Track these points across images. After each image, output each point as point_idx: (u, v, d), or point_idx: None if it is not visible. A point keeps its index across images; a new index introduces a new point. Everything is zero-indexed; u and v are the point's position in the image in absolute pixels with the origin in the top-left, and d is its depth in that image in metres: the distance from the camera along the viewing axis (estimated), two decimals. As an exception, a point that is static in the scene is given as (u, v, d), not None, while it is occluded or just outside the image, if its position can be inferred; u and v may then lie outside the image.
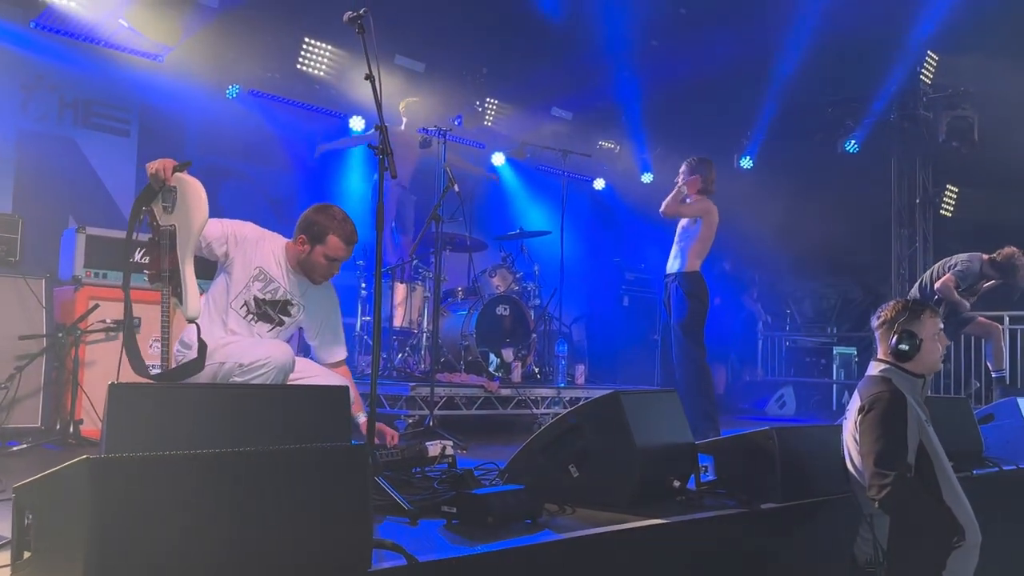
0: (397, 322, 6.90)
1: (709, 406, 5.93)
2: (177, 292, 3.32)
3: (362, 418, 3.77)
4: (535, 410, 6.60)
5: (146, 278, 3.40)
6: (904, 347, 3.48)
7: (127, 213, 7.54)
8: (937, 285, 7.05)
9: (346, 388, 2.69)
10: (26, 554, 1.98)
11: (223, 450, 2.01)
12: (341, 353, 4.22)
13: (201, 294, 3.58)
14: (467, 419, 6.29)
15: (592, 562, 2.83)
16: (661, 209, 6.26)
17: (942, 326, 3.68)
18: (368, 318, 6.88)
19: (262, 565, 2.02)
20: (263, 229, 4.12)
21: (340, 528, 2.18)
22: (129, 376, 3.31)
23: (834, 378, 10.76)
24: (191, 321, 3.36)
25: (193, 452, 1.97)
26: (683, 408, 3.98)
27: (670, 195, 6.24)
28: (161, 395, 2.58)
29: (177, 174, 3.43)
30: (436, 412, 5.72)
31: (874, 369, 3.57)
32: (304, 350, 4.46)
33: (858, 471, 3.43)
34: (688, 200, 6.24)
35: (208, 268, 4.04)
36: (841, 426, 3.75)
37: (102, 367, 4.83)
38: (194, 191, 3.42)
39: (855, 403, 3.48)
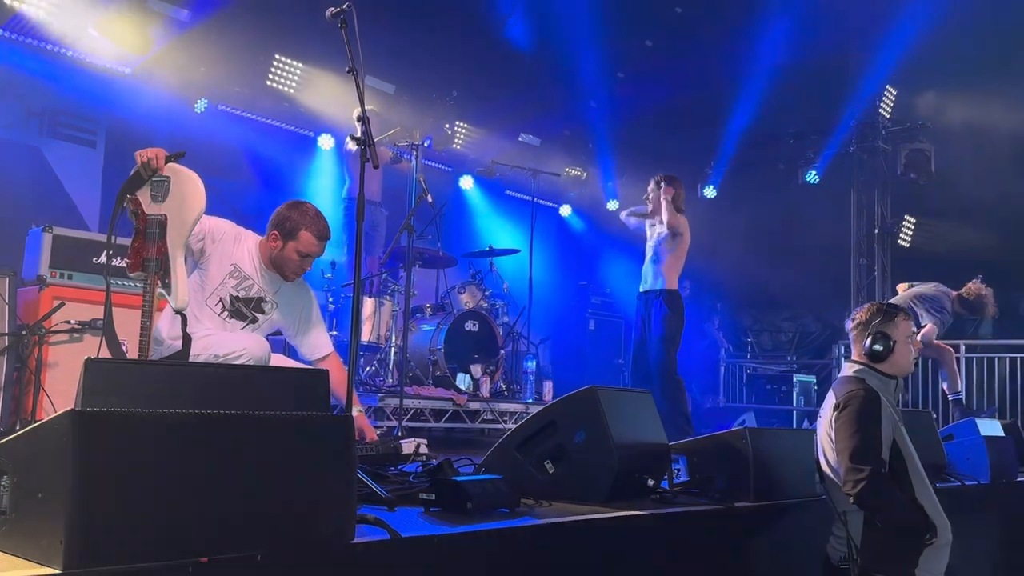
0: (365, 336, 6.85)
1: (684, 420, 5.99)
2: (165, 282, 3.28)
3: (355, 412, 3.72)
4: (503, 425, 6.58)
5: (126, 267, 3.34)
6: (878, 348, 3.54)
7: (91, 223, 7.56)
8: (920, 336, 6.98)
9: (326, 372, 2.65)
10: (4, 515, 1.92)
11: (210, 411, 1.98)
12: (325, 347, 4.18)
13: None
14: (435, 432, 6.25)
15: (572, 546, 2.81)
16: (665, 220, 6.32)
17: (914, 330, 3.75)
18: (336, 332, 6.82)
19: (244, 528, 1.99)
20: (239, 227, 4.10)
21: (324, 497, 2.15)
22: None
23: (794, 405, 10.86)
24: (179, 312, 3.31)
25: (179, 411, 1.94)
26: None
27: (663, 206, 6.33)
28: (138, 371, 2.52)
29: (171, 164, 3.40)
30: (404, 424, 5.69)
31: (848, 369, 3.62)
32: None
33: (833, 469, 3.46)
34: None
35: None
36: (812, 432, 3.80)
37: (65, 368, 4.72)
38: (192, 182, 3.39)
39: (830, 401, 3.53)
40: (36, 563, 1.77)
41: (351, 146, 7.53)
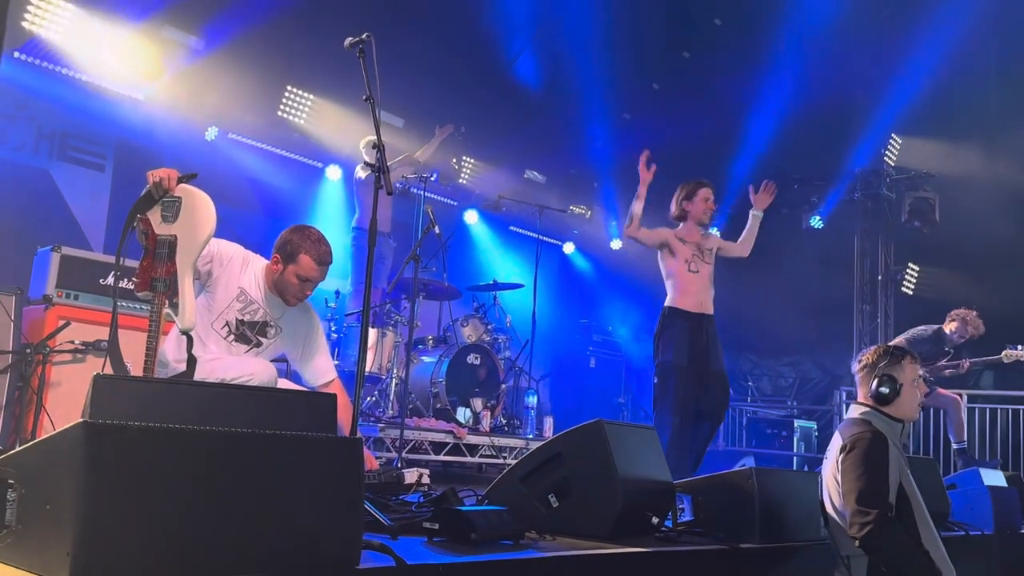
0: (367, 367, 6.81)
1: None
2: (173, 303, 3.27)
3: None
4: (503, 460, 6.53)
5: (134, 287, 3.34)
6: (884, 390, 3.52)
7: (96, 246, 7.57)
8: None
9: (334, 396, 2.64)
10: (9, 527, 1.90)
11: (221, 428, 1.97)
12: (328, 373, 4.15)
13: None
14: (433, 465, 6.21)
15: (578, 581, 2.78)
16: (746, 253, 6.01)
17: (921, 374, 3.74)
18: (338, 362, 6.80)
19: (251, 549, 1.97)
20: (248, 251, 4.11)
21: (331, 521, 2.13)
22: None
23: (795, 451, 10.79)
24: (185, 332, 3.30)
25: (191, 428, 1.93)
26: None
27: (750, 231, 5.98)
28: (145, 389, 2.51)
29: (183, 185, 3.41)
30: (404, 455, 5.65)
31: (854, 412, 3.61)
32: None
33: (838, 511, 3.43)
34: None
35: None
36: (817, 474, 3.78)
37: (68, 388, 4.69)
38: (203, 203, 3.40)
39: (836, 443, 3.51)
40: (41, 576, 1.76)
41: (361, 174, 7.60)
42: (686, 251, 5.77)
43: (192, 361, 3.33)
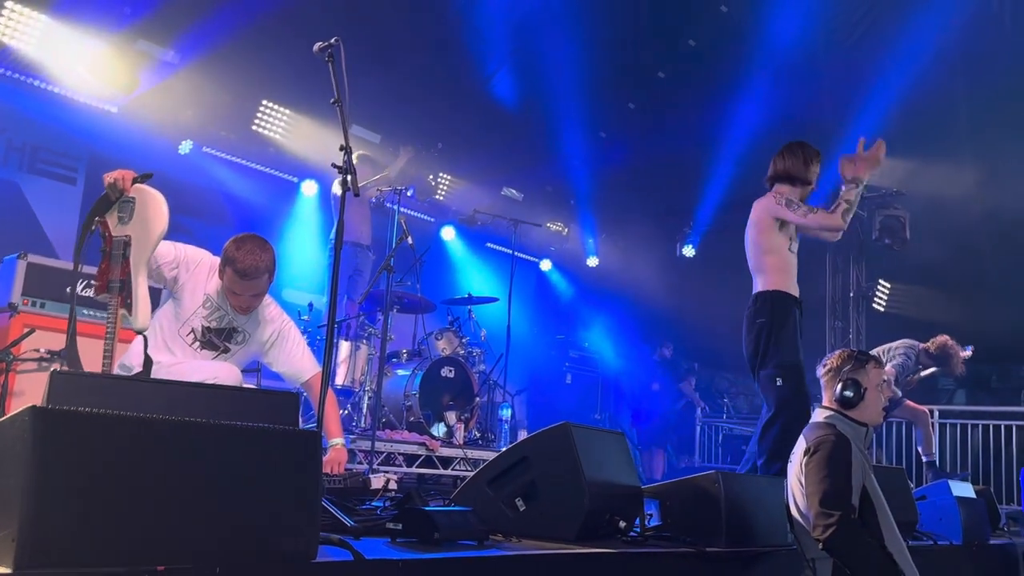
0: (339, 380, 6.78)
1: None
2: (127, 303, 3.24)
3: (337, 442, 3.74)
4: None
5: (94, 290, 3.31)
6: (848, 394, 3.54)
7: (65, 260, 7.47)
8: None
9: (296, 396, 2.63)
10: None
11: (173, 417, 1.95)
12: (309, 370, 4.08)
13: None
14: (406, 480, 6.16)
15: (540, 580, 2.77)
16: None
17: (886, 378, 3.77)
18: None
19: (203, 540, 1.94)
20: (215, 257, 4.08)
21: (286, 513, 2.11)
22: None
23: (769, 467, 10.78)
24: (139, 332, 3.28)
25: (142, 416, 1.91)
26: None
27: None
28: (104, 386, 2.49)
29: (137, 185, 3.40)
30: (375, 467, 5.62)
31: (819, 415, 3.62)
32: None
33: (802, 514, 3.44)
34: None
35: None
36: (783, 479, 3.79)
37: (31, 398, 4.54)
38: (155, 202, 3.39)
39: (800, 446, 3.52)
40: (-14, 562, 1.73)
41: (337, 191, 7.60)
42: (791, 229, 5.08)
43: (148, 361, 3.30)
